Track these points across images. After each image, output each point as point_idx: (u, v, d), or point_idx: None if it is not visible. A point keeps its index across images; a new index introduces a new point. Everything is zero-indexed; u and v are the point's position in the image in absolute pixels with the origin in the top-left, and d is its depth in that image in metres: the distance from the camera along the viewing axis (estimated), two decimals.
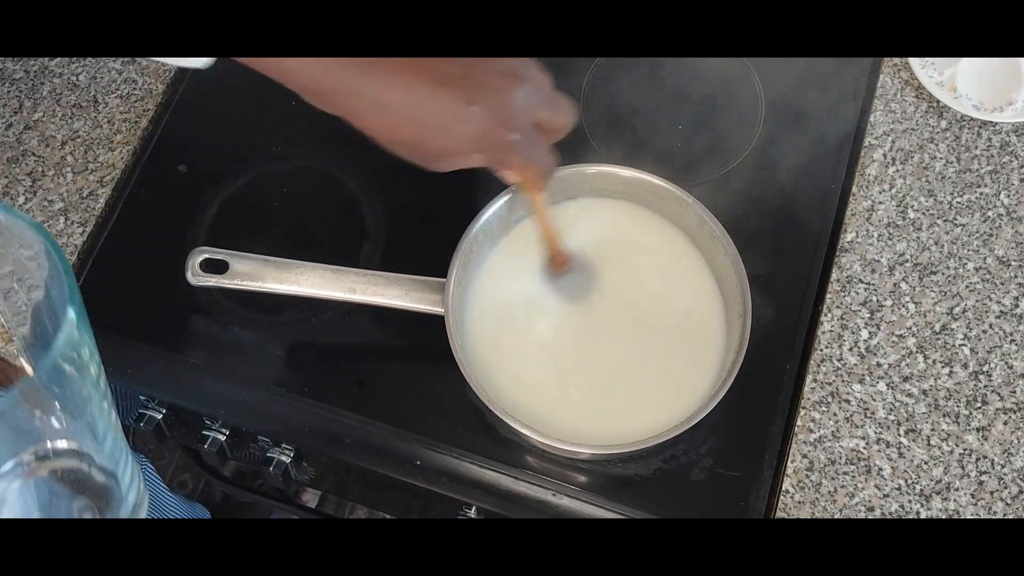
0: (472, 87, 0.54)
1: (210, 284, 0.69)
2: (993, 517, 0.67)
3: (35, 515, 0.49)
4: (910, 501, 0.68)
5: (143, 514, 0.57)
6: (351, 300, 0.69)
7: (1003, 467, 0.69)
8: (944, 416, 0.70)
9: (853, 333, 0.73)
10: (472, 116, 0.54)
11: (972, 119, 0.80)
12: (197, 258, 0.69)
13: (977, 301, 0.74)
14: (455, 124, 0.54)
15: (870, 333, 0.73)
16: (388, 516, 1.20)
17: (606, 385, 0.70)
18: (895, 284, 0.75)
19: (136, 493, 0.56)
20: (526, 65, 0.57)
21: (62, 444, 0.53)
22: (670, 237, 0.74)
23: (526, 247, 0.73)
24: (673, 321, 0.71)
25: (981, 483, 0.68)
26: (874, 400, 0.71)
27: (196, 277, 0.69)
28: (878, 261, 0.75)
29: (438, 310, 0.67)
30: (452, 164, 0.57)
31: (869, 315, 0.74)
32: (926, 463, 0.69)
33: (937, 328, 0.73)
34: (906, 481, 0.69)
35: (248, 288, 0.69)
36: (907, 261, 0.75)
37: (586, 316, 0.72)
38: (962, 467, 0.69)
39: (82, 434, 0.52)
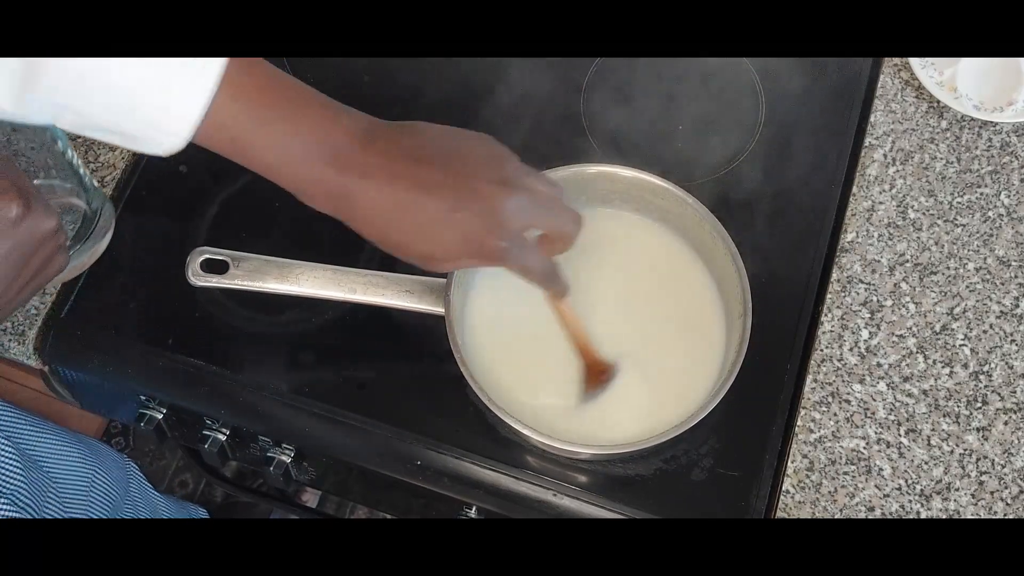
0: (458, 195, 0.55)
1: (211, 284, 0.69)
2: (993, 517, 0.67)
3: None
4: (910, 501, 0.68)
5: (108, 237, 0.76)
6: (352, 300, 0.69)
7: (1003, 467, 0.69)
8: (944, 416, 0.70)
9: (853, 333, 0.73)
10: (455, 222, 0.55)
11: (972, 119, 0.80)
12: (198, 258, 0.69)
13: (977, 301, 0.74)
14: (439, 230, 0.55)
15: (870, 333, 0.73)
16: (389, 516, 1.20)
17: (607, 385, 0.70)
18: (895, 284, 0.75)
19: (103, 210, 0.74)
20: (526, 174, 0.58)
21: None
22: (670, 237, 0.74)
23: None
24: (673, 321, 0.71)
25: (981, 483, 0.68)
26: (874, 400, 0.71)
27: (197, 277, 0.69)
28: (878, 261, 0.75)
29: (439, 310, 0.67)
30: (445, 267, 0.59)
31: (869, 315, 0.74)
32: (926, 463, 0.69)
33: (937, 328, 0.73)
34: (906, 481, 0.69)
35: (249, 288, 0.69)
36: (907, 261, 0.75)
37: (587, 316, 0.71)
38: (962, 467, 0.69)
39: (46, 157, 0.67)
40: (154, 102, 0.48)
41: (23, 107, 0.48)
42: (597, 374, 0.69)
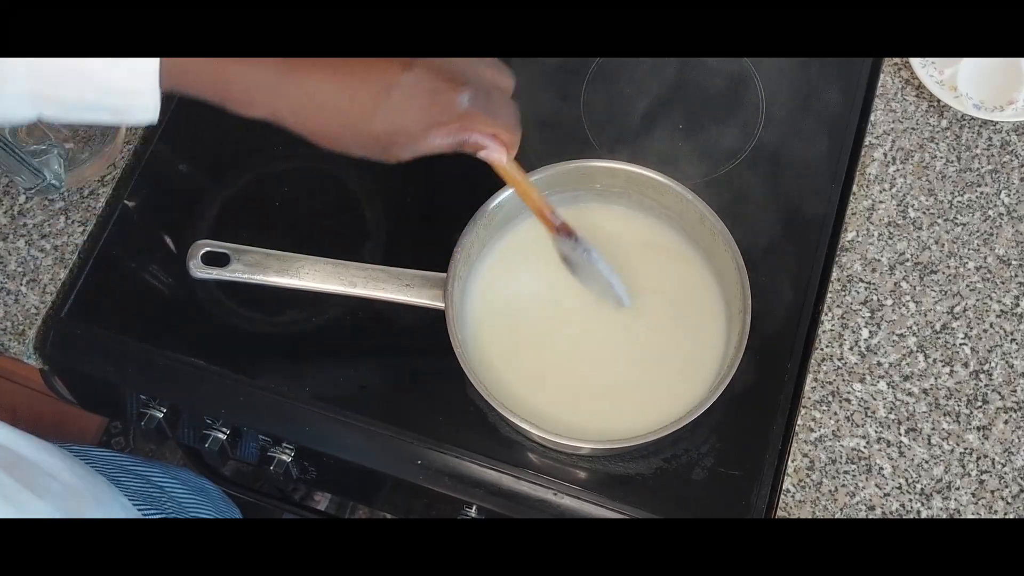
0: (404, 59, 0.49)
1: (212, 277, 0.68)
2: (994, 516, 0.67)
3: None
4: (911, 500, 0.68)
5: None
6: (352, 294, 0.69)
7: (1004, 466, 0.69)
8: (945, 415, 0.70)
9: (854, 332, 0.73)
10: (412, 80, 0.48)
11: (973, 118, 0.80)
12: (199, 251, 0.69)
13: (977, 300, 0.74)
14: (396, 94, 0.48)
15: (871, 332, 0.73)
16: (389, 516, 1.20)
17: (606, 381, 0.70)
18: (896, 283, 0.75)
19: None
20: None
21: None
22: (670, 233, 0.74)
23: (528, 243, 0.73)
24: (674, 317, 0.71)
25: (982, 482, 0.68)
26: (875, 399, 0.71)
27: (198, 269, 0.68)
28: (879, 260, 0.75)
29: (439, 304, 0.67)
30: (410, 148, 0.51)
31: (870, 314, 0.74)
32: (927, 462, 0.69)
33: (937, 327, 0.73)
34: (907, 480, 0.69)
35: (249, 281, 0.69)
36: (907, 260, 0.75)
37: (587, 312, 0.72)
38: (963, 466, 0.69)
39: None
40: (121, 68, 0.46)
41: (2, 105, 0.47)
42: (564, 230, 0.64)
